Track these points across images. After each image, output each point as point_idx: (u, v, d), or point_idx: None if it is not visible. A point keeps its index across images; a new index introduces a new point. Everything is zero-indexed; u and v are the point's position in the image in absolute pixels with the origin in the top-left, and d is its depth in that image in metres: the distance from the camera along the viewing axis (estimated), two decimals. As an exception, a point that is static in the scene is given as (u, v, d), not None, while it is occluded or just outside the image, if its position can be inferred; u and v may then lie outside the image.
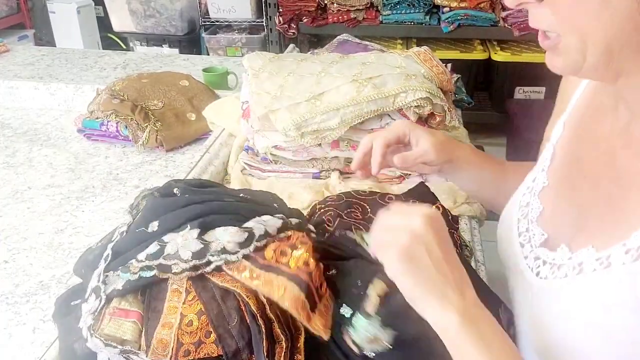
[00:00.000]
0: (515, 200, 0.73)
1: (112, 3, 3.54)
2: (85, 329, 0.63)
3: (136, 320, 0.62)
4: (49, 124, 1.64)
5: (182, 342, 0.59)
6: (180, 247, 0.63)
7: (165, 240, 0.64)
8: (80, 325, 0.64)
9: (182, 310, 0.60)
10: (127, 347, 0.61)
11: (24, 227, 1.13)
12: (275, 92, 1.20)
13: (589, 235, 0.60)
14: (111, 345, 0.61)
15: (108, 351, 0.61)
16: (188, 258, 0.63)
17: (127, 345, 0.61)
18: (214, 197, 0.73)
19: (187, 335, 0.59)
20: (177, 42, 3.57)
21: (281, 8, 3.08)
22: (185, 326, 0.59)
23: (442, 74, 1.26)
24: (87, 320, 0.63)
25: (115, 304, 0.64)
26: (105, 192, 1.26)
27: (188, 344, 0.59)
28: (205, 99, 1.59)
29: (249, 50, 3.28)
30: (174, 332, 0.59)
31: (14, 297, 0.94)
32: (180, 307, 0.60)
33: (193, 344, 0.59)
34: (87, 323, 0.63)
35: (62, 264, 1.02)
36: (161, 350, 0.59)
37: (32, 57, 2.07)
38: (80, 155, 1.44)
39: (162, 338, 0.59)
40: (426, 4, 2.97)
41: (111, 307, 0.63)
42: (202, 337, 0.59)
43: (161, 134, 1.43)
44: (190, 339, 0.59)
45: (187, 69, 1.92)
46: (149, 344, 0.60)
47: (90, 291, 0.66)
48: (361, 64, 1.25)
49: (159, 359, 0.59)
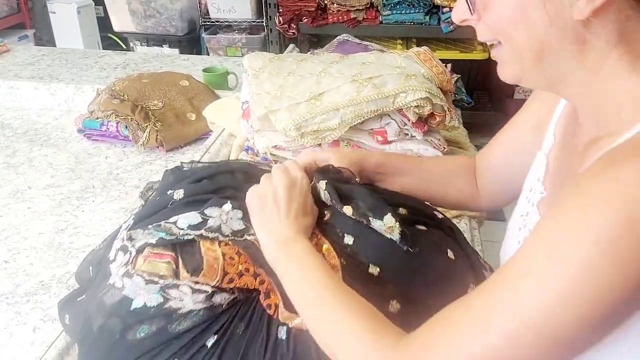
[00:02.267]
0: (517, 209, 0.75)
1: (112, 3, 3.53)
2: (120, 278, 0.68)
3: (170, 260, 0.68)
4: (49, 124, 1.64)
5: (227, 272, 0.68)
6: (223, 223, 0.71)
7: (208, 214, 0.71)
8: (111, 281, 0.69)
9: (222, 250, 0.69)
10: (169, 280, 0.67)
11: (24, 227, 1.13)
12: (275, 92, 1.20)
13: None
14: (152, 281, 0.67)
15: (147, 290, 0.67)
16: (228, 234, 0.71)
17: (167, 279, 0.67)
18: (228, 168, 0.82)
19: (231, 267, 0.69)
20: (177, 42, 3.57)
21: (281, 8, 3.08)
22: (229, 260, 0.69)
23: (442, 74, 1.26)
24: (119, 272, 0.69)
25: (148, 250, 0.69)
26: (105, 192, 1.26)
27: (232, 273, 0.69)
28: (205, 99, 1.59)
29: (249, 51, 3.28)
30: (220, 263, 0.68)
31: (14, 297, 0.94)
32: (218, 249, 0.69)
33: (236, 274, 0.69)
34: (121, 272, 0.69)
35: (63, 263, 1.02)
36: (211, 275, 0.67)
37: (32, 57, 2.07)
38: (81, 155, 1.44)
39: (212, 265, 0.68)
40: (426, 4, 2.97)
41: (144, 252, 0.69)
42: (242, 270, 0.69)
43: (161, 134, 1.44)
44: (233, 270, 0.69)
45: (187, 69, 1.92)
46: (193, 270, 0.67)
47: (115, 252, 0.72)
48: (361, 64, 1.26)
49: (206, 282, 0.67)
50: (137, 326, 0.67)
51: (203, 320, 0.68)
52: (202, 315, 0.68)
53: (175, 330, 0.67)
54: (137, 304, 0.67)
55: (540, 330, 0.48)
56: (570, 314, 0.47)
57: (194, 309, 0.67)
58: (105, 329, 0.68)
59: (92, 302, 0.72)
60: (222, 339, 0.68)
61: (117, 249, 0.72)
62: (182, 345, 0.67)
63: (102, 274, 0.74)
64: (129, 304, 0.67)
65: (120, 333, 0.68)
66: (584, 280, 0.46)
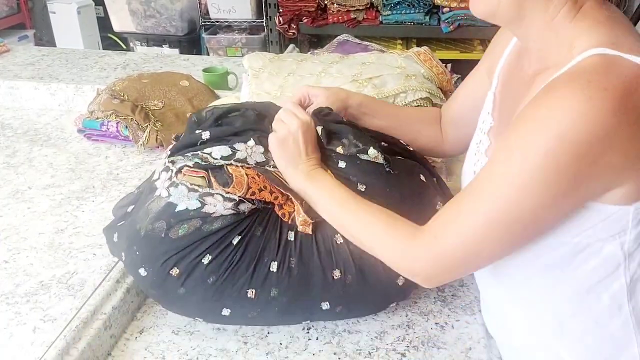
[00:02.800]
0: (473, 139, 0.91)
1: (112, 3, 3.54)
2: (165, 189, 0.87)
3: (204, 175, 0.87)
4: (49, 124, 1.64)
5: (250, 186, 0.87)
6: (249, 156, 0.89)
7: (236, 147, 0.89)
8: (157, 193, 0.88)
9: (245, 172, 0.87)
10: (205, 189, 0.85)
11: (24, 227, 1.13)
12: (275, 93, 1.20)
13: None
14: (193, 189, 0.85)
15: (189, 197, 0.85)
16: (253, 164, 0.89)
17: (205, 188, 0.85)
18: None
19: (254, 184, 0.87)
20: (178, 43, 3.57)
21: (281, 8, 3.08)
22: (252, 178, 0.87)
23: (442, 74, 1.26)
24: (164, 185, 0.88)
25: (186, 168, 0.88)
26: (106, 192, 1.26)
27: (254, 188, 0.87)
28: (206, 99, 1.59)
29: (249, 51, 3.28)
30: (246, 180, 0.86)
31: (14, 297, 0.94)
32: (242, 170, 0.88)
33: (257, 189, 0.87)
34: (166, 185, 0.87)
35: (62, 264, 1.02)
36: (239, 188, 0.86)
37: (32, 57, 2.07)
38: (81, 155, 1.44)
39: (239, 180, 0.86)
40: (426, 4, 2.97)
41: (183, 170, 0.87)
42: (262, 186, 0.88)
43: (161, 134, 1.43)
44: (255, 185, 0.87)
45: (187, 69, 1.92)
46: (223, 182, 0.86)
47: (158, 173, 0.92)
48: (361, 64, 1.26)
49: (234, 193, 0.85)
50: (178, 225, 0.84)
51: (230, 222, 0.85)
52: (229, 219, 0.85)
53: (207, 230, 0.85)
54: (180, 208, 0.85)
55: (511, 213, 0.67)
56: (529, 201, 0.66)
57: (225, 213, 0.85)
58: (152, 231, 0.85)
59: (139, 211, 0.89)
60: (244, 238, 0.86)
61: (160, 171, 0.91)
62: (213, 242, 0.85)
63: (146, 193, 0.92)
64: (174, 208, 0.85)
65: (165, 232, 0.85)
66: (533, 180, 0.65)
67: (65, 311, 0.90)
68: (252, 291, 0.86)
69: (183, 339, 0.92)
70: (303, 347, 0.91)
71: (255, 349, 0.90)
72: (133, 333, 0.94)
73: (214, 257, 0.85)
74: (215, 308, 0.88)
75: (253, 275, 0.86)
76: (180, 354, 0.89)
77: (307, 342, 0.91)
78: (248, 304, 0.87)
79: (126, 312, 0.95)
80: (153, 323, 0.95)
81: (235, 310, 0.88)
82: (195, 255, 0.85)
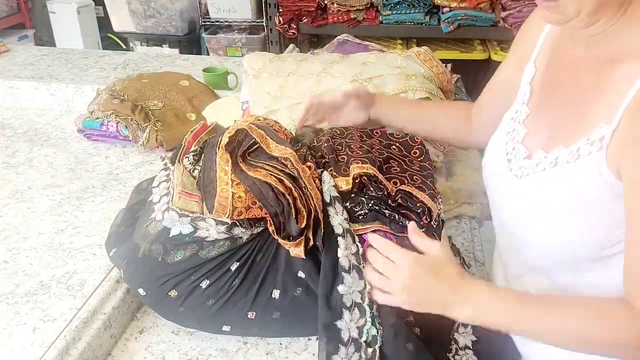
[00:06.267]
0: (502, 129, 0.90)
1: (112, 3, 3.53)
2: (161, 212, 0.87)
3: (198, 200, 0.87)
4: (49, 124, 1.64)
5: (236, 206, 0.84)
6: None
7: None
8: (152, 216, 0.88)
9: (232, 190, 0.84)
10: (197, 214, 0.85)
11: (24, 227, 1.13)
12: (275, 93, 1.20)
13: (560, 139, 0.77)
14: (185, 214, 0.85)
15: (181, 222, 0.85)
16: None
17: (196, 214, 0.85)
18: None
19: (239, 202, 0.84)
20: (177, 42, 3.57)
21: (281, 8, 3.08)
22: (237, 198, 0.84)
23: (442, 74, 1.26)
24: (161, 208, 0.88)
25: (180, 189, 0.89)
26: (105, 192, 1.26)
27: (240, 207, 0.84)
28: (205, 99, 1.59)
29: (249, 51, 3.28)
30: (229, 201, 0.84)
31: (14, 297, 0.94)
32: (230, 189, 0.84)
33: (244, 208, 0.84)
34: (163, 208, 0.88)
35: (62, 264, 1.02)
36: (222, 211, 0.84)
37: (32, 57, 2.07)
38: (80, 155, 1.44)
39: (222, 203, 0.84)
40: (426, 4, 2.97)
41: (178, 190, 0.89)
42: (250, 204, 0.84)
43: (161, 134, 1.43)
44: (241, 204, 0.84)
45: (187, 69, 1.92)
46: (211, 208, 0.85)
47: (159, 197, 0.92)
48: (361, 64, 1.26)
49: (219, 216, 0.84)
50: (175, 250, 0.85)
51: (227, 249, 0.85)
52: (226, 246, 0.85)
53: (204, 257, 0.84)
54: (174, 232, 0.85)
55: None
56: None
57: (218, 238, 0.84)
58: (149, 253, 0.86)
59: (138, 230, 0.90)
60: (244, 265, 0.86)
61: (162, 195, 0.92)
62: (210, 268, 0.85)
63: (145, 210, 0.93)
64: (168, 232, 0.85)
65: (162, 256, 0.85)
66: None
67: (65, 311, 0.90)
68: (253, 313, 0.87)
69: (183, 339, 0.92)
70: (303, 347, 0.91)
71: (255, 349, 0.90)
72: (133, 333, 0.94)
73: (212, 282, 0.86)
74: (215, 324, 0.89)
75: (254, 300, 0.86)
76: (180, 354, 0.89)
77: (307, 342, 0.91)
78: (249, 323, 0.88)
79: (126, 312, 0.95)
80: (153, 323, 0.95)
81: (236, 327, 0.89)
82: (192, 280, 0.85)
